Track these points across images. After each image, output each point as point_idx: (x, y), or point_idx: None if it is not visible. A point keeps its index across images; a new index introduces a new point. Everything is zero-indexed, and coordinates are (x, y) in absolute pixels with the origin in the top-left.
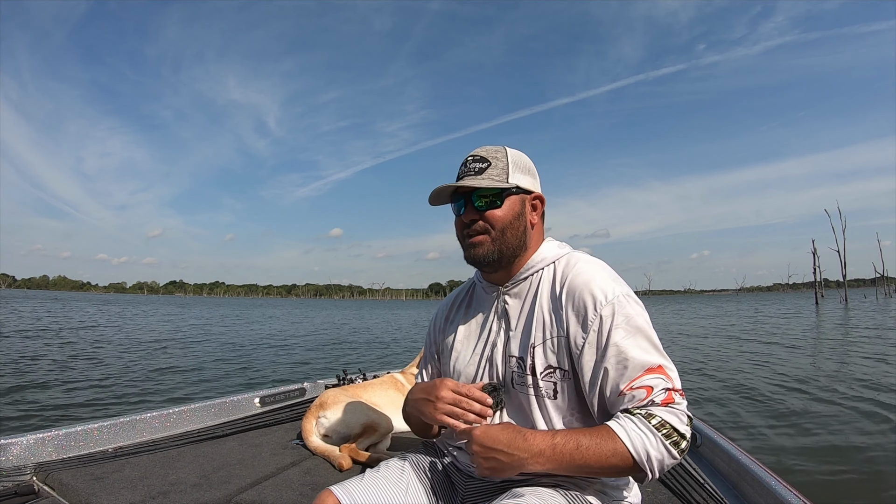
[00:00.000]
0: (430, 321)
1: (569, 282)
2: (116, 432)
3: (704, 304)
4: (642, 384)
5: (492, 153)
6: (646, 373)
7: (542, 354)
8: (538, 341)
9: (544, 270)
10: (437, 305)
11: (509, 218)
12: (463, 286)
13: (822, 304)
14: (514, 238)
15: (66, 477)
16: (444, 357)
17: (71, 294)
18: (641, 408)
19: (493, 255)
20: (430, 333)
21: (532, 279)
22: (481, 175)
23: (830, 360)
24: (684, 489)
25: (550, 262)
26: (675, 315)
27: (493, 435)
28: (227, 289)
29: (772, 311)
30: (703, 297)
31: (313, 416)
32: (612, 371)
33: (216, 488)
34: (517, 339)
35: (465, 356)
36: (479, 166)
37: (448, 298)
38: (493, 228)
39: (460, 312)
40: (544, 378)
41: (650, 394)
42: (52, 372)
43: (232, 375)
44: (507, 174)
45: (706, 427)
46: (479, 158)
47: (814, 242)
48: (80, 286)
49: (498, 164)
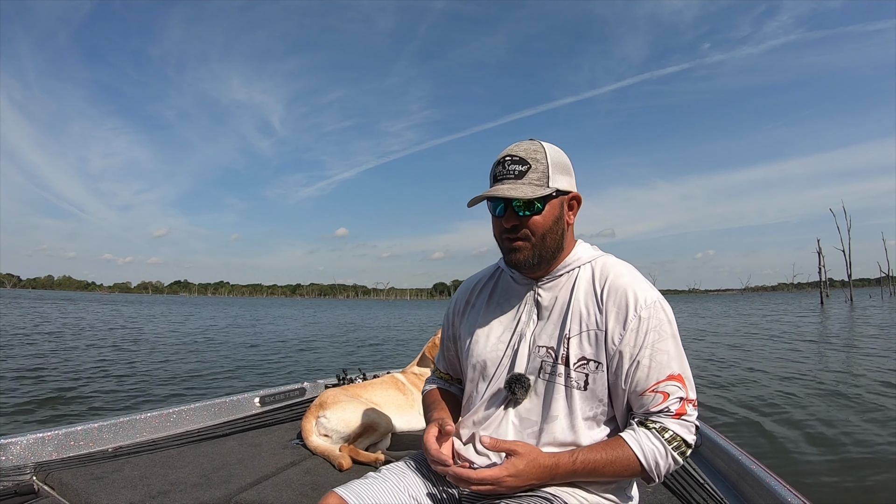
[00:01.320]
0: (448, 304)
1: (610, 281)
2: (116, 432)
3: (715, 303)
4: (662, 389)
5: (531, 153)
6: (668, 378)
7: (578, 346)
8: (573, 333)
9: (581, 269)
10: (457, 290)
11: (549, 223)
12: (484, 272)
13: (827, 304)
14: (553, 242)
15: (66, 476)
16: (462, 341)
17: (79, 294)
18: (657, 415)
19: (533, 259)
20: (448, 316)
21: (569, 276)
22: (521, 179)
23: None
24: (684, 489)
25: (587, 261)
26: (699, 317)
27: (525, 476)
28: (232, 289)
29: (791, 310)
30: (708, 296)
31: (313, 416)
32: (640, 371)
33: (216, 488)
34: (549, 330)
35: (488, 342)
36: (518, 169)
37: (468, 283)
38: (534, 235)
39: (482, 298)
40: (577, 369)
41: (665, 399)
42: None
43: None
44: (548, 177)
45: (706, 427)
46: (517, 159)
47: (819, 242)
48: (84, 286)
49: (538, 167)
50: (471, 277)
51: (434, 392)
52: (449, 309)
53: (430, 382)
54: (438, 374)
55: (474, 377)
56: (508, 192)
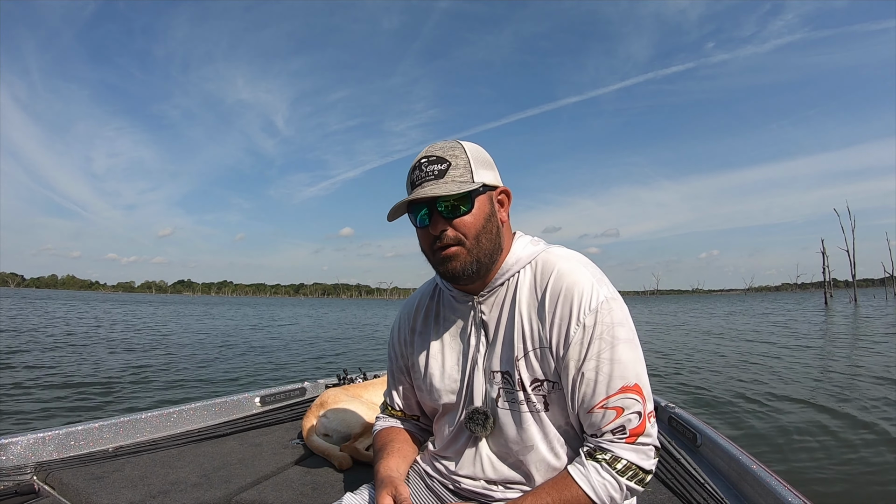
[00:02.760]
0: (390, 333)
1: (550, 286)
2: (117, 432)
3: (720, 303)
4: (615, 404)
5: (448, 150)
6: (620, 391)
7: (527, 367)
8: (521, 353)
9: (520, 273)
10: (397, 313)
11: (481, 222)
12: (423, 290)
13: (831, 304)
14: (489, 243)
15: (67, 476)
16: (416, 374)
17: (86, 294)
18: (609, 441)
19: (471, 266)
20: (394, 346)
21: (508, 284)
22: (443, 178)
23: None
24: (684, 489)
25: (526, 262)
26: (721, 316)
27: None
28: (235, 288)
29: (792, 309)
30: (712, 296)
31: (313, 416)
32: (586, 386)
33: (216, 488)
34: (499, 352)
35: (442, 374)
36: (437, 168)
37: (408, 305)
38: (467, 237)
39: (429, 322)
40: (534, 391)
41: (619, 415)
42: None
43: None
44: (471, 172)
45: (706, 427)
46: (434, 159)
47: (823, 242)
48: (88, 285)
49: (458, 163)
50: (409, 299)
51: (388, 432)
52: (393, 339)
53: (383, 420)
54: (390, 412)
55: (436, 412)
56: (431, 192)
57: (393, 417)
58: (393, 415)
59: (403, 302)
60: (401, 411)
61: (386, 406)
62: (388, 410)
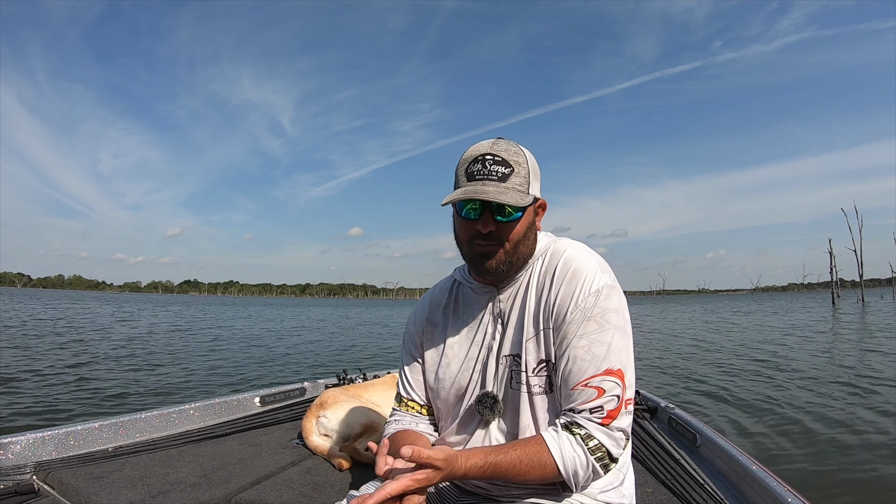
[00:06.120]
0: (405, 326)
1: (557, 270)
2: (116, 431)
3: (727, 303)
4: (597, 384)
5: (513, 156)
6: (605, 373)
7: (535, 349)
8: (530, 335)
9: (535, 264)
10: (413, 308)
11: (524, 231)
12: (441, 286)
13: (839, 304)
14: (525, 249)
15: (66, 476)
16: (430, 364)
17: (96, 294)
18: (585, 419)
19: (503, 266)
20: (409, 338)
21: (524, 274)
22: (505, 182)
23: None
24: (684, 489)
25: (540, 254)
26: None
27: (432, 479)
28: (242, 288)
29: (797, 309)
30: (718, 296)
31: (313, 416)
32: (574, 363)
33: (216, 488)
34: (511, 336)
35: (456, 363)
36: (501, 171)
37: (424, 300)
38: (509, 242)
39: (447, 315)
40: (538, 373)
41: (600, 395)
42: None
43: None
44: (528, 184)
45: (706, 428)
46: (500, 160)
47: (830, 242)
48: (94, 285)
49: (521, 172)
50: (427, 294)
51: (406, 435)
52: (409, 331)
53: (397, 422)
54: (414, 409)
55: (448, 399)
56: (496, 197)
57: (409, 415)
58: (410, 410)
59: (421, 297)
60: (419, 404)
61: (401, 400)
62: (405, 405)
